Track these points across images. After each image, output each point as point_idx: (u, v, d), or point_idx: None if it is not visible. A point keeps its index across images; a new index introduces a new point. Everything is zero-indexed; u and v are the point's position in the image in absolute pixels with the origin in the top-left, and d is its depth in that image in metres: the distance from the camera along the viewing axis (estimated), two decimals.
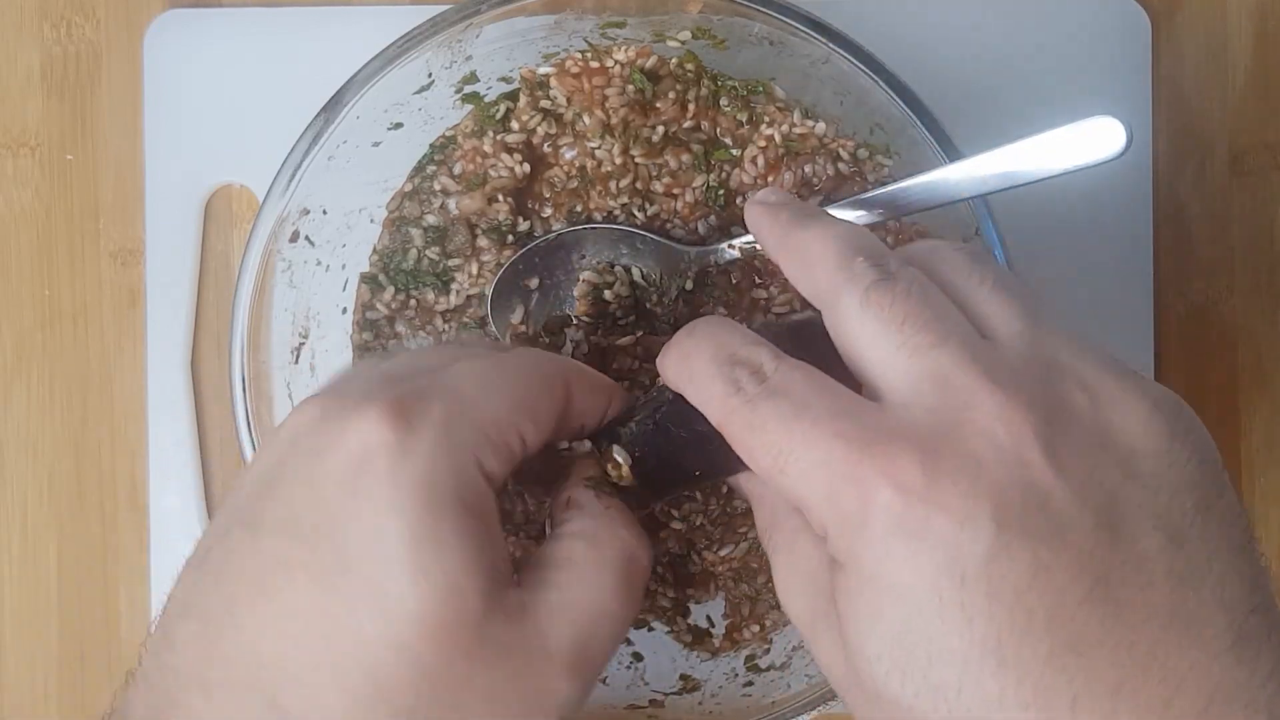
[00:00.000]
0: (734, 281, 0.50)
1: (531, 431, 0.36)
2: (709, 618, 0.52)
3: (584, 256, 0.50)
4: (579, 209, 0.51)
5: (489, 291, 0.50)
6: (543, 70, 0.51)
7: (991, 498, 0.30)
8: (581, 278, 0.49)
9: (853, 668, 0.33)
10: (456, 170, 0.52)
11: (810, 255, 0.37)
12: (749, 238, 0.48)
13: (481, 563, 0.33)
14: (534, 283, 0.50)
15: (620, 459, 0.40)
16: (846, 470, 0.32)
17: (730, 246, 0.48)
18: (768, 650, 0.52)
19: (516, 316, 0.50)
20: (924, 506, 0.30)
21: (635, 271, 0.49)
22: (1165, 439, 0.32)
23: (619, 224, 0.51)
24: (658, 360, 0.39)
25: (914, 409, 0.32)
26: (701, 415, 0.36)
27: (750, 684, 0.51)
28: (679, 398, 0.38)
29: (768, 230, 0.40)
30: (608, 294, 0.49)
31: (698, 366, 0.36)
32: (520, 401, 0.36)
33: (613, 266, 0.49)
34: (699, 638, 0.52)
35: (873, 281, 0.35)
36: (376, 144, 0.51)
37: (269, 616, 0.33)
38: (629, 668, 0.52)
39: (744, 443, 0.35)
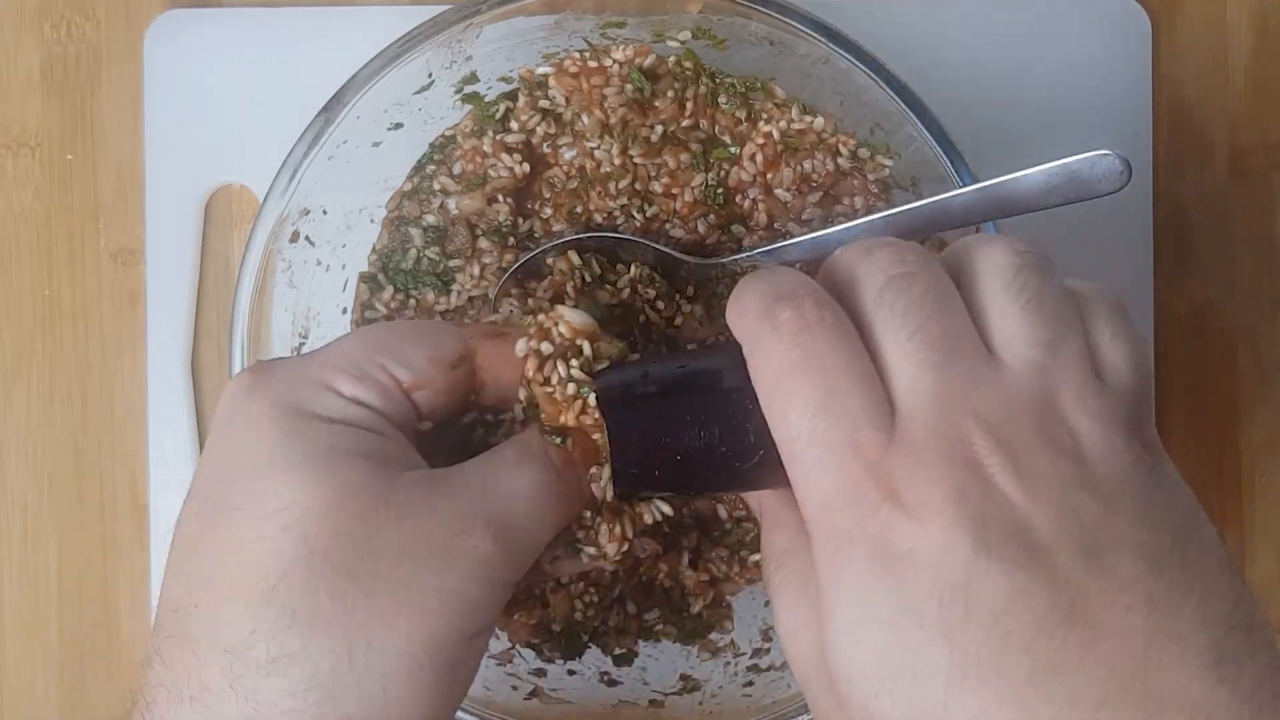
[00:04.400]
0: (737, 275, 0.50)
1: (403, 371, 0.39)
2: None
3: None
4: (579, 209, 0.51)
5: (492, 294, 0.50)
6: (541, 70, 0.51)
7: (972, 527, 0.31)
8: (554, 270, 0.48)
9: (840, 694, 0.33)
10: (456, 170, 0.52)
11: (835, 258, 0.37)
12: (746, 254, 0.48)
13: (361, 453, 0.36)
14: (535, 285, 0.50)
15: (578, 375, 0.40)
16: (848, 487, 0.33)
17: (732, 262, 0.49)
18: (768, 650, 0.52)
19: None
20: (910, 535, 0.31)
21: (635, 270, 0.49)
22: (1146, 485, 0.33)
23: (620, 232, 0.51)
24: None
25: (915, 429, 0.33)
26: (719, 374, 0.37)
27: (750, 684, 0.51)
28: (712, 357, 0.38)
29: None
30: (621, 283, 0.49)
31: (749, 293, 0.36)
32: (379, 344, 0.39)
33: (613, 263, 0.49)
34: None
35: (891, 277, 0.35)
36: (376, 144, 0.51)
37: (173, 567, 0.37)
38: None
39: (765, 395, 0.35)
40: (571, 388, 0.40)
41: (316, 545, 0.34)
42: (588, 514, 0.41)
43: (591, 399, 0.40)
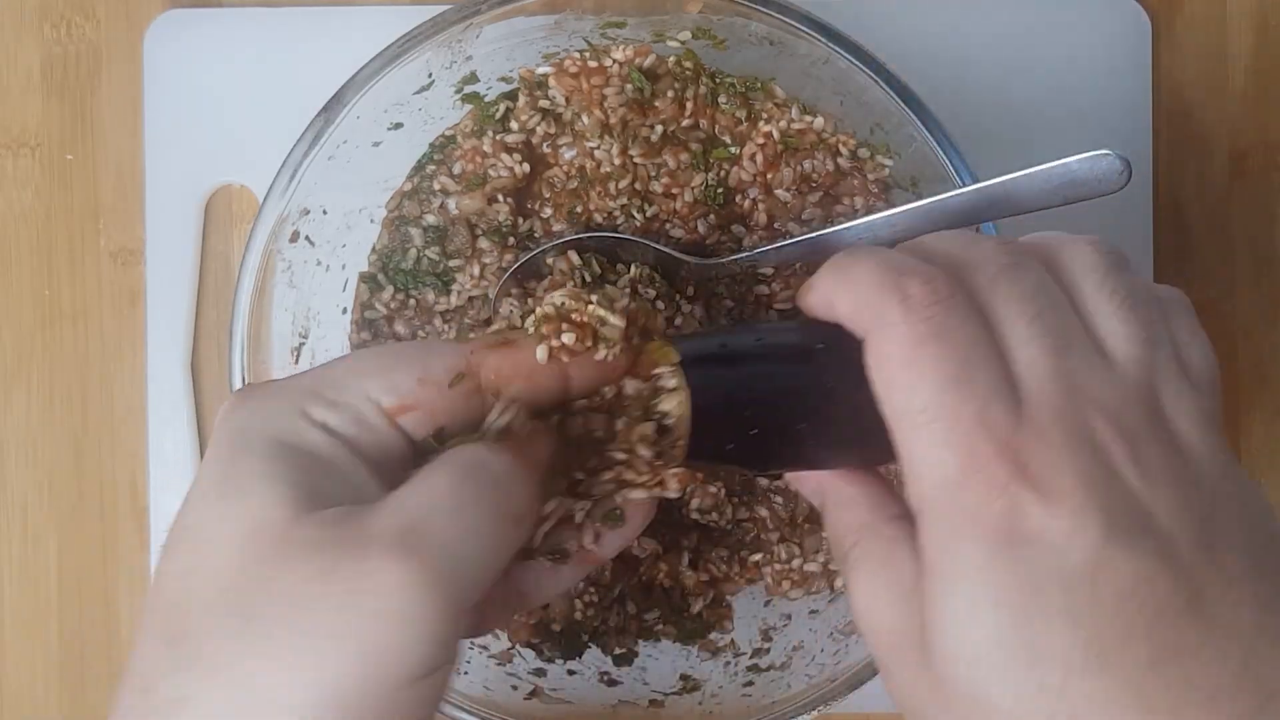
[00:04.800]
0: (737, 274, 0.50)
1: (386, 396, 0.36)
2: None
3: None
4: (579, 209, 0.51)
5: (492, 294, 0.50)
6: (541, 70, 0.51)
7: (1101, 512, 0.31)
8: (554, 271, 0.48)
9: (943, 675, 0.33)
10: (456, 170, 0.52)
11: (927, 242, 0.37)
12: (746, 254, 0.48)
13: (284, 481, 0.34)
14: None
15: (671, 350, 0.37)
16: (977, 464, 0.32)
17: (731, 262, 0.49)
18: (768, 650, 0.52)
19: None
20: (1039, 516, 0.31)
21: (635, 270, 0.49)
22: (1238, 485, 0.34)
23: (620, 232, 0.51)
24: (798, 295, 0.38)
25: (1042, 411, 0.33)
26: (807, 356, 0.36)
27: (750, 684, 0.51)
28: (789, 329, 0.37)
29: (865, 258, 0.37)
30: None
31: (862, 269, 0.35)
32: (363, 368, 0.37)
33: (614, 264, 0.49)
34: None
35: (1003, 265, 0.35)
36: (376, 144, 0.51)
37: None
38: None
39: (888, 370, 0.34)
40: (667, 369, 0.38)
41: (225, 583, 0.33)
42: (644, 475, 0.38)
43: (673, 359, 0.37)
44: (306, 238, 0.51)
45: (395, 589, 0.31)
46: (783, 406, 0.37)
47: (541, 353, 0.38)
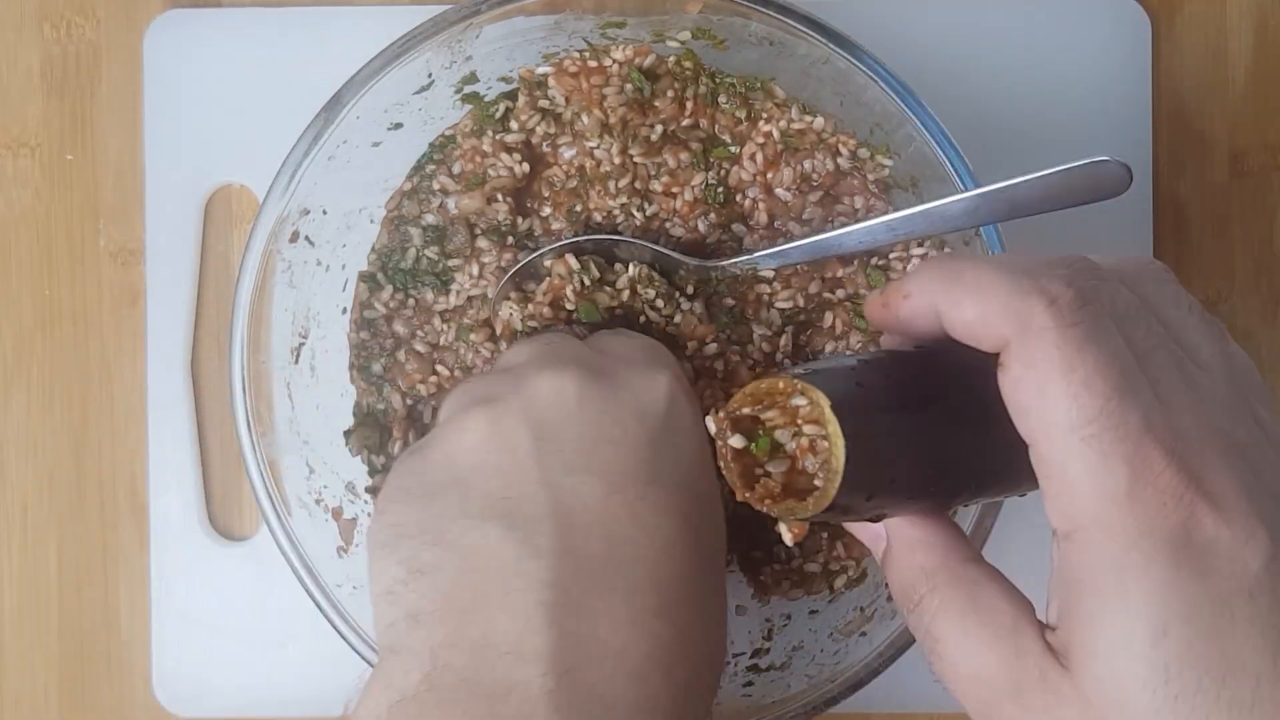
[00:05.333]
0: (737, 274, 0.50)
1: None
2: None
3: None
4: (578, 209, 0.51)
5: (491, 294, 0.50)
6: (541, 70, 0.51)
7: (1263, 517, 0.31)
8: (552, 274, 0.48)
9: (1110, 701, 0.31)
10: (456, 170, 0.52)
11: (1004, 269, 0.34)
12: (745, 257, 0.48)
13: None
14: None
15: (822, 400, 0.34)
16: (1149, 477, 0.31)
17: (732, 265, 0.49)
18: (768, 650, 0.52)
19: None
20: (1213, 527, 0.31)
21: (635, 270, 0.49)
22: None
23: (620, 231, 0.51)
24: (869, 306, 0.36)
25: (1195, 419, 0.32)
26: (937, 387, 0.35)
27: (750, 684, 0.51)
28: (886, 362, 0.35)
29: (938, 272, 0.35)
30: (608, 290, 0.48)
31: (981, 276, 0.33)
32: None
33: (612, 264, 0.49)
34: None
35: (1104, 281, 0.33)
36: (376, 144, 0.51)
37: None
38: None
39: (1041, 380, 0.31)
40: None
41: (575, 404, 0.41)
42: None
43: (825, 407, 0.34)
44: (306, 238, 0.51)
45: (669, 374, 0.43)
46: (920, 458, 0.35)
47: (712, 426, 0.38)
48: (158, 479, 0.57)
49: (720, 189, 0.51)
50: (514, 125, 0.51)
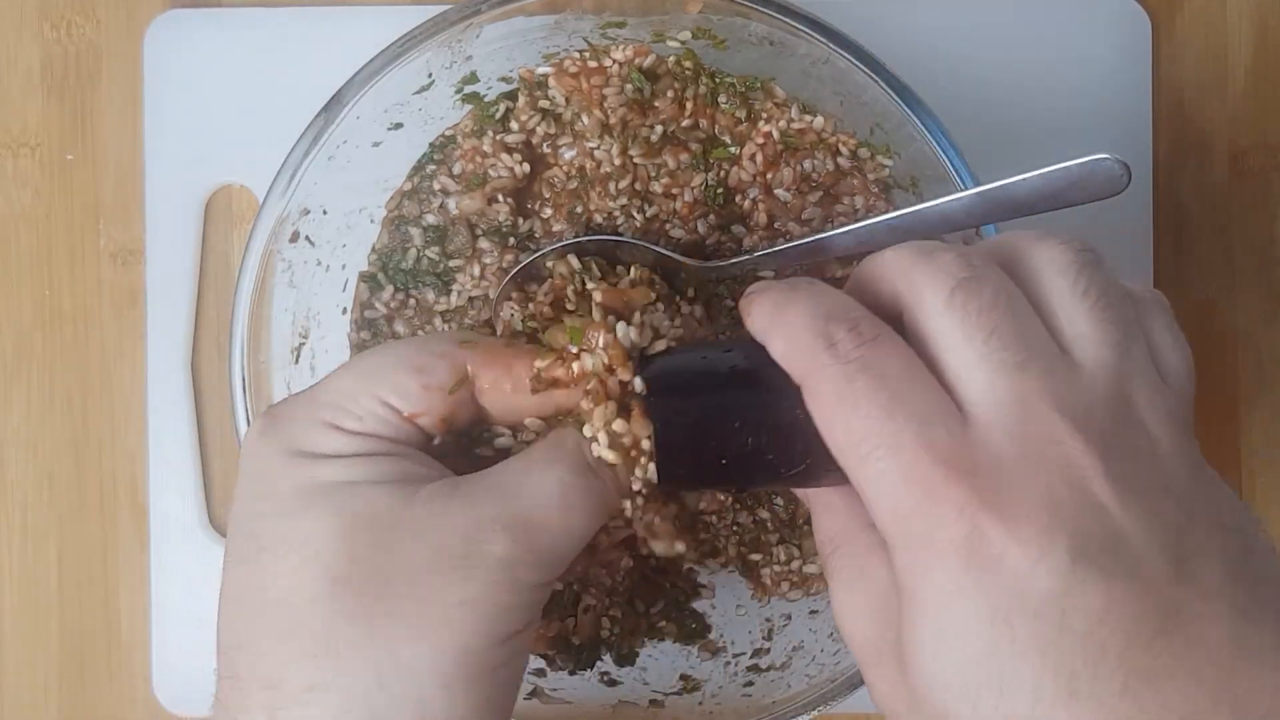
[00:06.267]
0: (737, 275, 0.50)
1: (398, 398, 0.39)
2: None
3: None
4: (579, 209, 0.51)
5: (493, 295, 0.50)
6: (541, 70, 0.51)
7: (1067, 535, 0.30)
8: (554, 274, 0.48)
9: (917, 695, 0.33)
10: (456, 170, 0.52)
11: (884, 261, 0.36)
12: (745, 257, 0.48)
13: (372, 476, 0.37)
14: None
15: (636, 383, 0.39)
16: (927, 492, 0.32)
17: (732, 265, 0.49)
18: (768, 650, 0.52)
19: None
20: (1000, 541, 0.31)
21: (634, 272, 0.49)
22: (1212, 489, 0.33)
23: (620, 232, 0.50)
24: (740, 302, 0.39)
25: (995, 431, 0.32)
26: (772, 377, 0.36)
27: (750, 684, 0.51)
28: (746, 351, 0.37)
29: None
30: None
31: (793, 314, 0.35)
32: (371, 377, 0.39)
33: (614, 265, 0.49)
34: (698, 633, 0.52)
35: (960, 280, 0.34)
36: (376, 144, 0.51)
37: (222, 612, 0.39)
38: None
39: (825, 410, 0.34)
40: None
41: (337, 574, 0.35)
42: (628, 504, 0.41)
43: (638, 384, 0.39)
44: (306, 238, 0.51)
45: (512, 563, 0.36)
46: (749, 439, 0.37)
47: (530, 383, 0.40)
48: (158, 479, 0.57)
49: (720, 190, 0.51)
50: (514, 125, 0.51)
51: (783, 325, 0.36)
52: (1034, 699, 0.30)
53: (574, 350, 0.40)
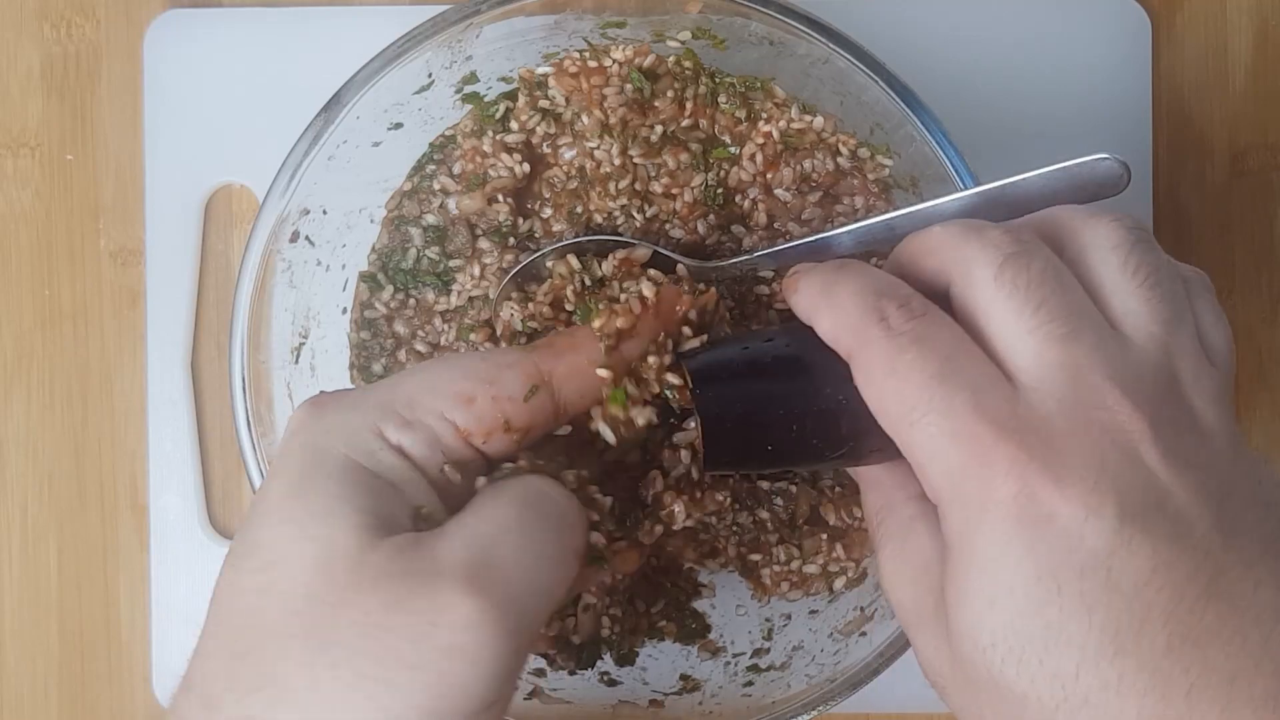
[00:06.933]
0: (737, 275, 0.50)
1: (462, 412, 0.37)
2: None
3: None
4: (579, 210, 0.51)
5: (493, 295, 0.50)
6: (541, 70, 0.51)
7: (1115, 495, 0.31)
8: (554, 274, 0.48)
9: (960, 655, 0.33)
10: (456, 170, 0.52)
11: (930, 236, 0.37)
12: (745, 257, 0.48)
13: (357, 507, 0.34)
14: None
15: (675, 379, 0.40)
16: (978, 452, 0.32)
17: (731, 265, 0.49)
18: (768, 650, 0.52)
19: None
20: (1050, 500, 0.31)
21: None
22: (1252, 467, 0.34)
23: (620, 232, 0.50)
24: (784, 281, 0.39)
25: (1045, 397, 0.33)
26: (814, 364, 0.37)
27: (750, 684, 0.51)
28: (791, 334, 0.38)
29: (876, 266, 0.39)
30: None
31: (842, 292, 0.36)
32: (434, 387, 0.37)
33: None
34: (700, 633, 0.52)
35: (1008, 255, 0.35)
36: (376, 144, 0.51)
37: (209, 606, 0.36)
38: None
39: (876, 382, 0.35)
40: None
41: (296, 607, 0.33)
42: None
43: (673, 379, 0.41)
44: (306, 238, 0.51)
45: (466, 625, 0.32)
46: (794, 426, 0.38)
47: (601, 349, 0.40)
48: (158, 479, 0.57)
49: (720, 190, 0.51)
50: (514, 125, 0.51)
51: (831, 302, 0.36)
52: (1079, 656, 0.31)
53: (622, 298, 0.42)
